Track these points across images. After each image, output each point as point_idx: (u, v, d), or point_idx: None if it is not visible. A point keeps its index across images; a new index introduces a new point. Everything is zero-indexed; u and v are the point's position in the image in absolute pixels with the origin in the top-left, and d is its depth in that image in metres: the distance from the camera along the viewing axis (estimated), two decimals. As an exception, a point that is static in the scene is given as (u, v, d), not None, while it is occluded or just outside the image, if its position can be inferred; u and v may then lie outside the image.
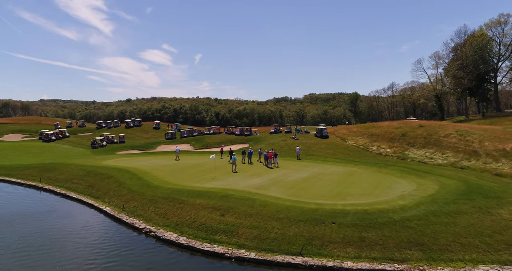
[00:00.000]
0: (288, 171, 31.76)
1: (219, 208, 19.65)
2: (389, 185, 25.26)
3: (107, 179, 29.48)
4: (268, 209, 18.92)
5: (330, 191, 23.14)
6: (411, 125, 51.28)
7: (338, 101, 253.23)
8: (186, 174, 31.03)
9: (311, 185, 25.30)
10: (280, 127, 62.93)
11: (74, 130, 77.43)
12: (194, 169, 33.77)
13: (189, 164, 37.04)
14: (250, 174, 30.38)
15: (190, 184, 26.31)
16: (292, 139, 52.23)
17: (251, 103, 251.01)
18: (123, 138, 63.82)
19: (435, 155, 40.34)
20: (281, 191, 23.05)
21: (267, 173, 30.82)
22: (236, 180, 27.39)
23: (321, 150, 44.75)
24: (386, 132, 49.66)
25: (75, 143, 61.70)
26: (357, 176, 28.79)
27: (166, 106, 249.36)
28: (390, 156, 42.66)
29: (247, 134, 58.99)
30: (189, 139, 61.65)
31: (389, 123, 56.58)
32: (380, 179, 27.60)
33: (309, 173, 30.60)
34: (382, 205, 19.33)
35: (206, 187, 24.68)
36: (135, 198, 23.86)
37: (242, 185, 25.25)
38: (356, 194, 22.24)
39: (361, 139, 49.44)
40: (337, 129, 58.01)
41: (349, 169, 32.68)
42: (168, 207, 20.98)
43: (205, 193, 22.51)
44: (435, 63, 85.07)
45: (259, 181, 26.98)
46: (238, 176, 29.50)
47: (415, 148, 43.26)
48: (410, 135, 46.85)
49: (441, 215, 17.59)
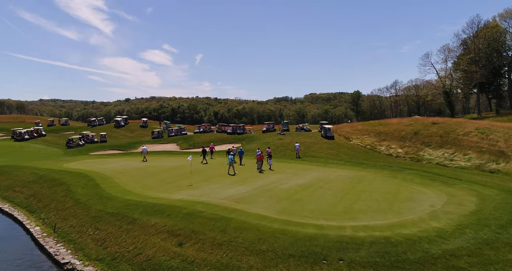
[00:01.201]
0: (282, 176, 26.03)
1: (178, 232, 13.89)
2: (410, 195, 19.50)
3: (56, 187, 23.78)
4: (247, 235, 13.17)
5: (334, 205, 17.38)
6: (423, 122, 45.54)
7: (339, 101, 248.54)
8: (156, 179, 25.33)
9: (309, 195, 19.54)
10: (274, 125, 57.31)
11: (56, 129, 71.91)
12: (168, 173, 28.07)
13: (166, 166, 31.32)
14: (235, 180, 24.66)
15: (155, 193, 20.59)
16: (280, 134, 47.32)
17: (251, 102, 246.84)
18: (104, 137, 58.30)
19: (455, 156, 34.55)
20: (269, 205, 17.30)
21: (255, 179, 25.10)
22: (215, 189, 21.67)
23: (322, 150, 38.98)
24: (395, 131, 43.91)
25: (51, 142, 56.09)
26: (367, 183, 23.04)
27: (164, 106, 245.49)
28: (402, 157, 36.89)
29: (240, 133, 53.34)
30: (177, 138, 56.09)
31: (398, 120, 50.85)
32: (397, 187, 21.85)
33: (307, 178, 24.87)
34: (409, 228, 13.58)
35: (172, 198, 18.94)
36: (78, 213, 18.14)
37: (220, 195, 19.49)
38: (370, 210, 16.48)
39: (368, 138, 43.65)
40: (340, 127, 52.25)
41: (357, 173, 26.92)
42: (112, 229, 15.25)
43: (166, 208, 16.77)
44: (444, 57, 79.33)
45: (243, 189, 21.23)
46: (219, 183, 23.78)
47: (431, 148, 37.48)
48: (424, 133, 41.09)
49: (502, 247, 11.83)
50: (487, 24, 71.74)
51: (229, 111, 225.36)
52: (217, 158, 37.51)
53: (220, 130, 57.47)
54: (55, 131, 70.00)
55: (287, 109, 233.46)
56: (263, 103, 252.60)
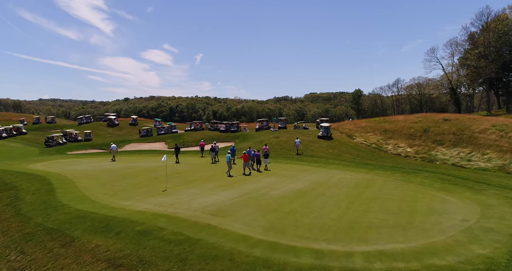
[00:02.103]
0: (275, 179, 22.13)
1: (120, 261, 9.98)
2: (433, 205, 15.59)
3: (3, 192, 19.86)
4: (214, 268, 9.24)
5: (337, 219, 13.47)
6: (433, 119, 41.62)
7: (339, 100, 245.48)
8: (127, 183, 21.42)
9: (307, 205, 15.63)
10: (269, 122, 53.36)
11: (41, 127, 68.04)
12: (144, 175, 24.17)
13: (144, 168, 27.42)
14: (219, 184, 20.77)
15: (117, 201, 16.69)
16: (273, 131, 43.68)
17: (250, 102, 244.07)
18: (89, 135, 54.44)
19: (473, 156, 30.63)
20: (254, 219, 13.39)
21: (244, 183, 21.21)
22: (192, 195, 17.77)
23: (322, 149, 35.05)
24: (403, 128, 40.00)
25: (30, 141, 52.19)
26: (377, 188, 19.12)
27: (162, 105, 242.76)
28: (412, 157, 32.96)
29: (234, 130, 49.38)
30: (166, 136, 52.16)
31: (405, 117, 46.90)
32: (414, 193, 17.92)
33: (305, 182, 20.95)
34: (444, 256, 9.69)
35: (133, 209, 15.03)
36: (10, 228, 14.21)
37: (195, 205, 15.58)
38: (384, 225, 12.58)
39: (373, 136, 39.71)
40: (341, 125, 48.32)
41: (363, 176, 22.99)
42: (39, 254, 11.33)
43: (119, 223, 12.86)
44: (451, 51, 75.30)
45: (226, 196, 17.32)
46: (200, 188, 19.90)
47: (444, 146, 33.54)
48: (435, 131, 37.16)
49: None
50: (497, 16, 67.72)
51: (228, 111, 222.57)
52: (204, 157, 33.60)
53: (212, 128, 53.53)
54: (40, 129, 66.12)
55: (286, 109, 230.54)
56: (262, 103, 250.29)
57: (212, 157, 30.06)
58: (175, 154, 30.54)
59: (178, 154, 30.94)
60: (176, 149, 31.10)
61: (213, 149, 30.20)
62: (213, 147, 30.47)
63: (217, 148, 30.74)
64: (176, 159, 30.42)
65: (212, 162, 29.87)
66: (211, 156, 30.18)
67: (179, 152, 31.25)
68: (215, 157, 30.21)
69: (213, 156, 30.03)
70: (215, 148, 30.41)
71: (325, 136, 39.55)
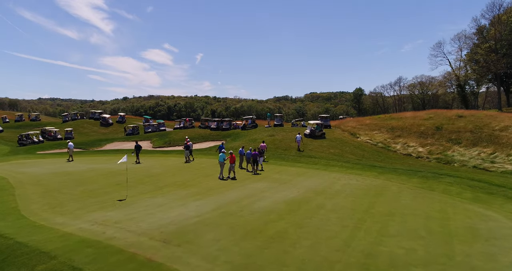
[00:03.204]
0: (264, 185, 18.01)
1: None
2: (472, 224, 11.46)
3: None
4: None
5: (343, 249, 9.33)
6: (445, 115, 37.50)
7: (340, 100, 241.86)
8: (80, 190, 17.27)
9: (300, 224, 11.48)
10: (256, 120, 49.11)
11: (23, 125, 63.96)
12: (106, 179, 20.00)
13: (109, 170, 23.23)
14: (194, 192, 16.65)
15: (52, 217, 12.58)
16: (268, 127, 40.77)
17: (250, 101, 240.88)
18: (70, 133, 50.31)
19: (496, 156, 26.49)
20: (223, 249, 9.27)
21: (226, 189, 17.08)
22: (153, 207, 13.64)
23: (322, 149, 30.92)
24: (412, 125, 35.86)
25: (4, 139, 48.18)
26: (392, 198, 14.97)
27: (160, 104, 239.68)
28: (425, 158, 28.83)
29: (226, 128, 45.20)
30: (153, 135, 48.01)
31: (414, 113, 42.78)
32: (441, 206, 13.78)
33: (300, 189, 16.81)
34: None
35: (61, 230, 10.92)
36: None
37: (148, 224, 11.45)
38: (414, 262, 8.46)
39: (379, 134, 35.57)
40: (343, 122, 44.16)
41: (372, 181, 18.85)
42: None
43: (17, 259, 8.74)
44: (459, 45, 71.01)
45: (195, 210, 13.19)
46: (168, 196, 15.78)
47: (461, 146, 29.40)
48: (448, 128, 33.03)
49: None
50: (509, 7, 63.45)
51: (227, 110, 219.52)
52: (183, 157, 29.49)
53: (203, 126, 49.29)
54: (22, 127, 62.03)
55: (286, 108, 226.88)
56: (262, 102, 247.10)
57: (186, 155, 27.17)
58: (135, 153, 27.59)
59: (139, 152, 27.80)
60: (136, 147, 27.77)
61: (186, 147, 27.26)
62: (186, 144, 27.44)
63: (190, 145, 27.79)
64: (136, 159, 27.23)
65: (185, 161, 26.85)
66: (185, 154, 27.39)
67: (139, 150, 27.96)
68: (188, 155, 27.32)
69: (187, 154, 27.15)
70: (189, 145, 27.50)
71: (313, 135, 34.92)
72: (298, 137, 30.83)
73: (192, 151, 27.98)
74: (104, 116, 65.86)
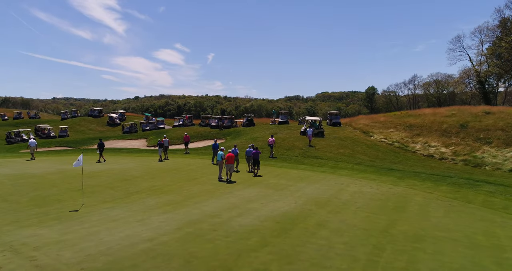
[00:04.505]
0: (256, 192, 14.62)
1: None
2: (542, 258, 7.79)
3: None
4: None
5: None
6: (470, 112, 33.48)
7: (352, 99, 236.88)
8: (28, 197, 14.16)
9: (290, 257, 8.02)
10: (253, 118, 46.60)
11: (21, 122, 61.93)
12: (63, 185, 16.76)
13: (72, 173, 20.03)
14: (167, 200, 13.42)
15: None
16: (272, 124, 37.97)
17: (260, 100, 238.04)
18: (65, 131, 47.76)
19: (537, 159, 22.41)
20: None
21: (205, 198, 13.73)
22: (99, 225, 10.43)
23: (330, 148, 27.34)
24: (433, 123, 31.96)
25: (-5, 137, 45.76)
26: (417, 214, 11.40)
27: (169, 103, 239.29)
28: (449, 160, 24.99)
29: (227, 126, 41.90)
30: (151, 133, 45.06)
31: (433, 110, 38.71)
32: (487, 226, 10.19)
33: (298, 199, 13.35)
34: None
35: None
36: None
37: (73, 253, 8.18)
38: None
39: (395, 132, 31.75)
40: (355, 120, 40.38)
41: (389, 189, 15.25)
42: None
43: None
44: (480, 39, 66.24)
45: (153, 229, 9.89)
46: (130, 207, 12.56)
47: (492, 146, 25.49)
48: (475, 126, 29.07)
49: None
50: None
51: (237, 109, 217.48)
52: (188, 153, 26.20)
53: (203, 123, 46.06)
54: (20, 124, 59.91)
55: (297, 107, 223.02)
56: (273, 102, 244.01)
57: (160, 153, 25.19)
58: (99, 151, 25.36)
59: (102, 151, 25.48)
60: (99, 145, 25.43)
61: (160, 145, 25.26)
62: (160, 141, 25.47)
63: (166, 142, 25.79)
64: (100, 158, 25.19)
65: (159, 160, 24.89)
66: (159, 152, 25.20)
67: (103, 148, 25.53)
68: (163, 153, 25.46)
69: (161, 152, 25.21)
70: (163, 142, 25.57)
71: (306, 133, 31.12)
72: (309, 131, 28.39)
73: (167, 149, 26.23)
74: (112, 115, 62.00)
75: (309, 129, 28.74)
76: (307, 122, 32.59)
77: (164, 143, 25.52)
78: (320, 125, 31.99)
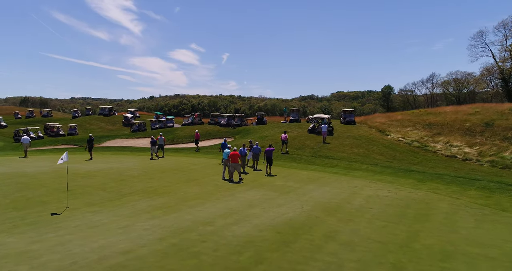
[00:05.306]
0: (259, 195, 13.18)
1: None
2: None
3: None
4: None
5: None
6: (495, 109, 31.23)
7: (367, 99, 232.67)
8: (10, 199, 13.08)
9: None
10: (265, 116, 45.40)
11: (33, 121, 62.25)
12: (53, 185, 15.65)
13: (71, 172, 19.05)
14: (160, 203, 12.14)
15: None
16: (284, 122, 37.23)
17: (274, 100, 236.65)
18: (74, 129, 47.37)
19: None
20: None
21: (203, 200, 12.38)
22: (80, 230, 9.19)
23: (344, 148, 25.66)
24: (455, 121, 29.86)
25: (4, 135, 45.87)
26: (442, 223, 9.72)
27: (184, 102, 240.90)
28: (474, 161, 22.99)
29: (236, 124, 40.58)
30: (159, 131, 44.11)
31: (455, 108, 36.45)
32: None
33: (305, 204, 11.85)
34: None
35: None
36: None
37: (31, 269, 6.83)
38: None
39: (413, 131, 29.79)
40: (370, 118, 38.46)
41: (409, 193, 13.57)
42: None
43: None
44: (504, 34, 62.96)
45: (133, 238, 8.58)
46: (118, 211, 11.33)
47: (522, 146, 23.22)
48: (502, 124, 26.95)
49: None
50: None
51: (251, 108, 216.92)
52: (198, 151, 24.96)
53: (212, 122, 44.87)
54: (31, 123, 60.21)
55: (311, 107, 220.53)
56: (287, 101, 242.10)
57: (152, 151, 24.64)
58: (87, 148, 24.78)
59: (91, 147, 24.78)
60: (88, 141, 24.78)
61: (153, 143, 24.64)
62: (153, 139, 24.84)
63: (160, 140, 25.48)
64: (89, 155, 24.57)
65: (151, 158, 24.32)
66: (151, 150, 24.67)
67: (91, 145, 24.81)
68: (155, 151, 24.89)
69: (153, 150, 24.66)
70: (158, 140, 25.38)
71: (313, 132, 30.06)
72: (323, 127, 27.34)
73: (163, 147, 25.79)
74: (127, 116, 59.86)
75: (324, 126, 27.53)
76: (315, 120, 31.57)
77: (159, 141, 24.91)
78: (329, 122, 30.43)
